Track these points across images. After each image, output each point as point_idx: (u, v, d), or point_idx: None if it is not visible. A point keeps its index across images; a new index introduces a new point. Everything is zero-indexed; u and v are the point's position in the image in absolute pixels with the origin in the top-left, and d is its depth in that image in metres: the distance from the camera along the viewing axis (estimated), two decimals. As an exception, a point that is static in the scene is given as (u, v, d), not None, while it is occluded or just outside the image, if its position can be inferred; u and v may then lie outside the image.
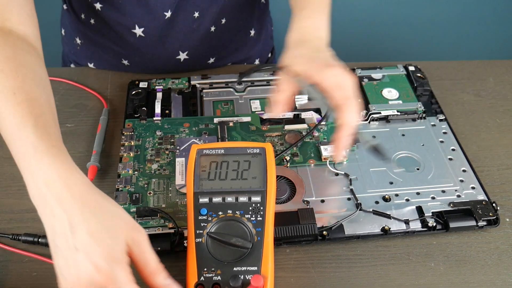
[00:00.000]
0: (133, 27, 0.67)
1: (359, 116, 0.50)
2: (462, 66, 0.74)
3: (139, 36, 0.69)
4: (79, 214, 0.37)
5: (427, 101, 0.66)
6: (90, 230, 0.36)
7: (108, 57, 0.73)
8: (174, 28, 0.68)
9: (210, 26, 0.70)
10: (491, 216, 0.52)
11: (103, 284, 0.36)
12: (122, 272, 0.36)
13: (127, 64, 0.73)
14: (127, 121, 0.61)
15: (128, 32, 0.68)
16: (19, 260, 0.49)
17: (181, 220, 0.50)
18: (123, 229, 0.38)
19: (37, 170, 0.38)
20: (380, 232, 0.51)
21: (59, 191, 0.38)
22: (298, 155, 0.57)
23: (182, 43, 0.70)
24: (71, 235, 0.36)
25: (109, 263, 0.36)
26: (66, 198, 0.37)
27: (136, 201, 0.51)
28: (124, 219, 0.39)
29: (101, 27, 0.70)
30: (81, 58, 0.76)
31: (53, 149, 0.40)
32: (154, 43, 0.69)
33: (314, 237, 0.50)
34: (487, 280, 0.48)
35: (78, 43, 0.75)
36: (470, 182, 0.56)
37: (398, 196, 0.54)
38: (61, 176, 0.38)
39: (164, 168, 0.55)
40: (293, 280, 0.48)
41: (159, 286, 0.40)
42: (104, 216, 0.38)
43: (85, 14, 0.70)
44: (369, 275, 0.49)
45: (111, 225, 0.37)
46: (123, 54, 0.72)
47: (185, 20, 0.68)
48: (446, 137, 0.61)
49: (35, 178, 0.38)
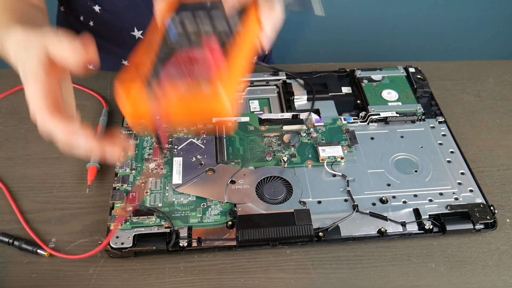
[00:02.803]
0: (132, 29, 0.68)
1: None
2: (462, 67, 0.74)
3: (138, 38, 0.69)
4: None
5: (426, 103, 0.65)
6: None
7: (107, 58, 0.73)
8: None
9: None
10: (489, 220, 0.51)
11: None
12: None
13: (127, 65, 0.73)
14: (126, 120, 0.61)
15: (127, 35, 0.69)
16: (19, 261, 0.49)
17: (178, 219, 0.50)
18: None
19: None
20: (377, 234, 0.51)
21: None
22: (295, 156, 0.57)
23: None
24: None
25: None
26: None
27: (132, 200, 0.52)
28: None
29: (101, 29, 0.70)
30: None
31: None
32: None
33: (309, 238, 0.50)
34: (488, 281, 0.48)
35: None
36: (468, 185, 0.55)
37: (395, 198, 0.54)
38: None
39: (162, 167, 0.56)
40: (294, 282, 0.48)
41: None
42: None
43: (84, 16, 0.70)
44: (370, 276, 0.49)
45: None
46: (122, 55, 0.72)
47: None
48: (445, 139, 0.61)
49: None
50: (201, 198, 0.52)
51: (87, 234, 0.51)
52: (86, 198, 0.55)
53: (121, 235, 0.49)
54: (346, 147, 0.58)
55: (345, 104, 0.65)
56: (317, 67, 0.71)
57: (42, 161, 0.59)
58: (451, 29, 1.13)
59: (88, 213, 0.53)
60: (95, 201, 0.54)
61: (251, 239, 0.49)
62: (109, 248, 0.48)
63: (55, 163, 0.58)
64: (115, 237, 0.48)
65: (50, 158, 0.59)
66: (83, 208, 0.54)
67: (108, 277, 0.48)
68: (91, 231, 0.51)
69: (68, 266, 0.49)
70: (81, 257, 0.48)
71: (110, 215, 0.50)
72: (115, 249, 0.48)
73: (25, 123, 0.63)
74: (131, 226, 0.49)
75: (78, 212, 0.53)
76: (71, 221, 0.53)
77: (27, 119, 0.63)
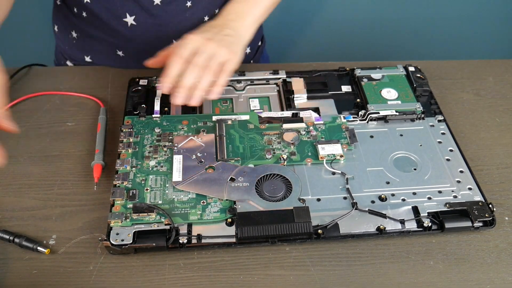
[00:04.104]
0: (124, 15, 0.68)
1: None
2: (462, 66, 0.74)
3: (131, 25, 0.69)
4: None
5: (426, 101, 0.66)
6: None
7: (103, 49, 0.74)
8: (166, 17, 0.69)
9: (204, 16, 0.72)
10: (487, 217, 0.51)
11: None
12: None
13: (122, 55, 0.74)
14: (126, 118, 0.61)
15: (120, 22, 0.69)
16: (19, 257, 0.49)
17: (177, 216, 0.51)
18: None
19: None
20: (376, 232, 0.51)
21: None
22: (295, 153, 0.58)
23: (176, 32, 0.71)
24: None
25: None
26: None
27: (133, 197, 0.52)
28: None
29: (93, 20, 0.70)
30: (77, 53, 0.76)
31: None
32: (147, 31, 0.70)
33: (309, 236, 0.50)
34: (486, 279, 0.49)
35: (74, 36, 0.75)
36: (467, 183, 0.55)
37: (394, 196, 0.54)
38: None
39: (162, 165, 0.56)
40: (293, 278, 0.48)
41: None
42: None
43: (76, 8, 0.71)
44: (369, 273, 0.49)
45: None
46: (117, 45, 0.73)
47: (177, 9, 0.69)
48: (444, 138, 0.61)
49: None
50: (201, 195, 0.53)
51: (88, 231, 0.52)
52: (87, 196, 0.55)
53: (121, 232, 0.49)
54: (346, 145, 0.59)
55: (345, 103, 0.65)
56: (317, 66, 0.71)
57: (43, 158, 0.59)
58: (450, 28, 1.13)
59: (88, 210, 0.54)
60: (96, 198, 0.55)
61: (251, 236, 0.49)
62: (109, 244, 0.48)
63: (56, 160, 0.59)
64: (115, 234, 0.49)
65: (51, 155, 0.59)
66: (83, 205, 0.54)
67: (108, 274, 0.48)
68: (91, 228, 0.52)
69: (68, 263, 0.49)
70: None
71: (111, 212, 0.51)
72: (115, 246, 0.48)
73: (26, 121, 0.63)
74: (131, 223, 0.50)
75: (79, 209, 0.54)
76: (72, 218, 0.53)
77: (28, 117, 0.64)
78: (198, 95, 0.55)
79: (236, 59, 0.58)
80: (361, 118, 0.63)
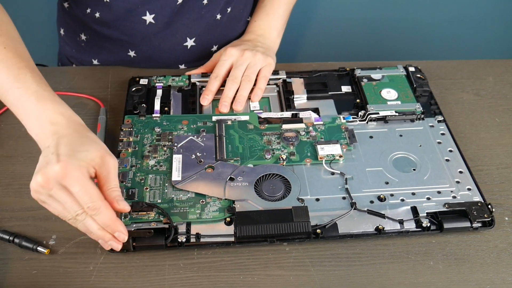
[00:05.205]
0: (144, 13, 0.68)
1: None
2: (462, 66, 0.74)
3: (149, 23, 0.70)
4: (68, 135, 0.45)
5: (426, 102, 0.66)
6: (69, 143, 0.45)
7: (114, 50, 0.74)
8: (183, 14, 0.70)
9: (216, 14, 0.73)
10: (486, 218, 0.51)
11: (59, 176, 0.42)
12: (78, 172, 0.43)
13: (134, 56, 0.74)
14: (126, 117, 0.61)
15: (138, 20, 0.69)
16: (19, 258, 0.49)
17: (176, 215, 0.51)
18: (98, 150, 0.45)
19: (41, 112, 0.47)
20: (374, 232, 0.51)
21: (63, 124, 0.46)
22: (294, 154, 0.58)
23: (190, 29, 0.72)
24: (55, 145, 0.44)
25: (71, 163, 0.43)
26: (62, 126, 0.46)
27: (132, 196, 0.52)
28: (101, 145, 0.47)
29: (109, 19, 0.70)
30: (85, 55, 0.76)
31: (54, 96, 0.49)
32: (163, 29, 0.71)
33: (307, 235, 0.50)
34: (486, 279, 0.49)
35: (83, 39, 0.75)
36: (466, 183, 0.55)
37: (393, 196, 0.54)
38: (64, 114, 0.47)
39: (161, 164, 0.56)
40: (293, 278, 0.48)
41: (114, 200, 0.45)
42: (86, 140, 0.46)
43: (91, 8, 0.70)
44: (368, 274, 0.49)
45: (89, 146, 0.45)
46: (131, 44, 0.73)
47: (194, 6, 0.70)
48: (444, 138, 0.61)
49: (40, 119, 0.47)
50: (200, 194, 0.53)
51: (87, 230, 0.52)
52: (87, 195, 0.55)
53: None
54: (345, 146, 0.59)
55: (344, 103, 0.65)
56: (317, 66, 0.71)
57: (43, 158, 0.59)
58: (450, 28, 1.12)
59: (88, 210, 0.54)
60: (95, 198, 0.55)
61: (249, 235, 0.49)
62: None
63: (56, 160, 0.59)
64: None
65: (51, 155, 0.59)
66: (83, 205, 0.54)
67: (108, 274, 0.48)
68: (91, 227, 0.52)
69: (68, 263, 0.49)
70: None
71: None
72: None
73: (26, 121, 0.63)
74: (130, 221, 0.50)
75: (79, 209, 0.54)
76: (72, 217, 0.53)
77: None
78: (241, 101, 0.64)
79: (271, 65, 0.67)
80: (360, 118, 0.63)
